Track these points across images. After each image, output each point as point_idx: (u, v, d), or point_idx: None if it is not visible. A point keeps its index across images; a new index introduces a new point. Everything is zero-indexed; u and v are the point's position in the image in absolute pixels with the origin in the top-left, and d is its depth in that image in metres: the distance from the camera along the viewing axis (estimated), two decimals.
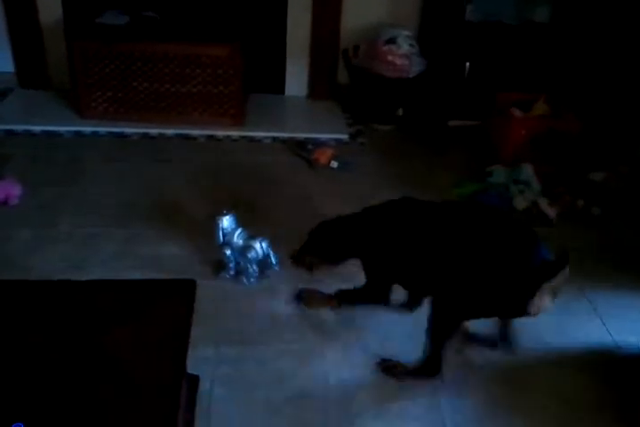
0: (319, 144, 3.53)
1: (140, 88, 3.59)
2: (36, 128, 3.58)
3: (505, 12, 3.62)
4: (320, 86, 4.07)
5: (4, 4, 3.79)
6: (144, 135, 3.60)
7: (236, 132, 3.66)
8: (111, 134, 3.59)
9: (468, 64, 3.58)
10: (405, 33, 3.70)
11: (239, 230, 2.48)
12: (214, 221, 2.45)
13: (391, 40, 3.64)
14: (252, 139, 3.64)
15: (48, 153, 3.37)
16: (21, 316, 1.62)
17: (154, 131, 3.62)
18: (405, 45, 3.65)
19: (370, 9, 3.88)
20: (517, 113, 3.39)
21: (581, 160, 3.31)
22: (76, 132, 3.58)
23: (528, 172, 3.15)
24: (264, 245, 2.48)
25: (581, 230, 2.97)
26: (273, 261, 2.52)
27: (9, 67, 3.97)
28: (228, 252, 2.46)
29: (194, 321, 1.63)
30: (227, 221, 2.45)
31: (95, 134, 3.58)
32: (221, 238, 2.46)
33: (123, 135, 3.59)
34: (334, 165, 3.36)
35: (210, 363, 2.13)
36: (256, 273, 2.49)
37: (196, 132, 3.64)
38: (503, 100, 3.49)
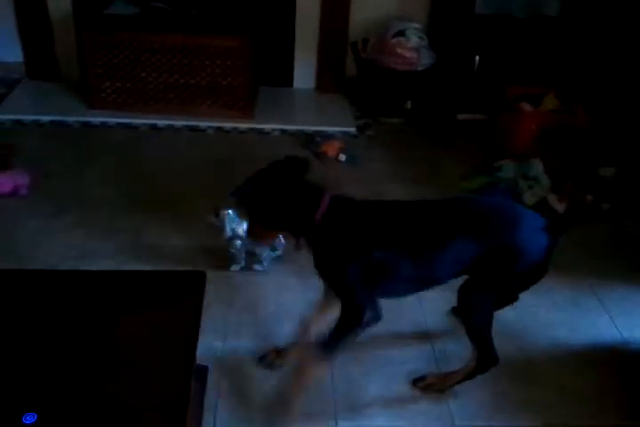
0: (327, 137, 3.53)
1: (149, 79, 3.59)
2: (45, 118, 3.59)
3: (515, 6, 3.59)
4: (328, 79, 4.05)
5: None
6: (152, 126, 3.60)
7: (244, 125, 3.66)
8: (119, 125, 3.59)
9: (477, 57, 3.57)
10: (415, 26, 3.68)
11: (245, 223, 2.47)
12: (219, 216, 2.45)
13: (400, 33, 3.62)
14: (260, 131, 3.64)
15: (56, 144, 3.37)
16: (32, 306, 1.63)
17: (162, 122, 3.62)
18: (414, 38, 3.63)
19: (379, 2, 3.86)
20: (527, 107, 3.37)
21: (591, 155, 3.30)
22: (85, 123, 3.59)
23: (538, 167, 3.14)
24: None
25: (590, 226, 2.96)
26: (282, 242, 2.53)
27: (18, 57, 3.96)
28: (238, 243, 2.47)
29: (202, 312, 1.63)
30: (232, 214, 2.45)
31: (103, 125, 3.59)
32: (229, 232, 2.47)
33: (131, 126, 3.59)
34: (342, 158, 3.36)
35: (219, 354, 2.14)
36: (273, 255, 2.54)
37: (204, 123, 3.64)
38: (512, 94, 3.47)
